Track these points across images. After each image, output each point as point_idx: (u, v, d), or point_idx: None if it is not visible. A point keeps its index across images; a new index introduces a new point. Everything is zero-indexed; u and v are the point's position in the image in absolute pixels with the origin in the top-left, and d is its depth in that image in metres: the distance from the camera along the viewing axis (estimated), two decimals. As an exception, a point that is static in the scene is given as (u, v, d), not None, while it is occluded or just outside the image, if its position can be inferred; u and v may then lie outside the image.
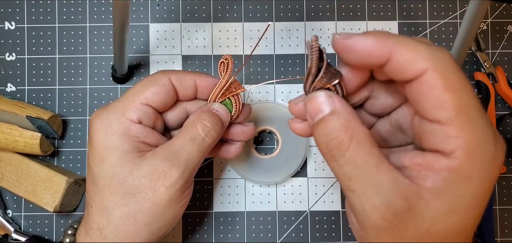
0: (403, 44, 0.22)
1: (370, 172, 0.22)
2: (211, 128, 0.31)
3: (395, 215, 0.22)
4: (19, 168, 0.40)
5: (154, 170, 0.30)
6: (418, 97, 0.22)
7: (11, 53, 0.44)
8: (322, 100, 0.24)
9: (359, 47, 0.22)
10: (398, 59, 0.22)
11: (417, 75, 0.21)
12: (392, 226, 0.22)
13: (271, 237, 0.42)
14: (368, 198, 0.22)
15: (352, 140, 0.22)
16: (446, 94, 0.21)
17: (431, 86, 0.21)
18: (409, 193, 0.22)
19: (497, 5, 0.45)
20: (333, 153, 0.23)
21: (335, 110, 0.23)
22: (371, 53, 0.22)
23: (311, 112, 0.24)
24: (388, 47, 0.22)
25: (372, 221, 0.22)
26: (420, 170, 0.22)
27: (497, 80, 0.43)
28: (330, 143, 0.23)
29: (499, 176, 0.43)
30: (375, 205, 0.22)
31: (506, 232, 0.43)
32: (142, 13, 0.44)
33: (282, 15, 0.44)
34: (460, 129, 0.21)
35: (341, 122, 0.23)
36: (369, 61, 0.23)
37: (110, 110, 0.31)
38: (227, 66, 0.32)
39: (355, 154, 0.22)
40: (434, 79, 0.21)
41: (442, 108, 0.21)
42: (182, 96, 0.33)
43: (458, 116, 0.21)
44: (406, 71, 0.22)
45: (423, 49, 0.21)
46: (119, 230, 0.30)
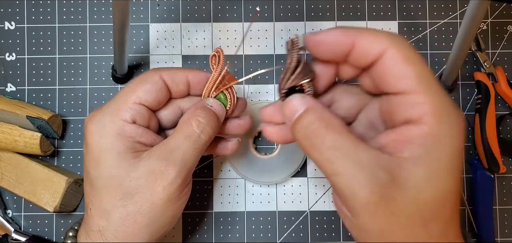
0: (364, 32, 0.25)
1: (351, 152, 0.24)
2: (206, 124, 0.31)
3: (381, 187, 0.23)
4: (19, 168, 0.40)
5: (150, 170, 0.30)
6: (383, 75, 0.24)
7: (11, 53, 0.44)
8: (296, 101, 0.26)
9: (328, 39, 0.25)
10: (361, 44, 0.24)
11: (379, 55, 0.24)
12: (381, 200, 0.23)
13: (271, 237, 0.42)
14: (353, 176, 0.23)
15: (328, 127, 0.25)
16: (407, 66, 0.23)
17: (392, 61, 0.24)
18: (390, 166, 0.23)
19: (497, 5, 0.45)
20: (313, 142, 0.25)
21: (309, 107, 0.26)
22: (338, 43, 0.25)
23: (289, 114, 0.26)
24: (351, 36, 0.25)
25: (361, 199, 0.23)
26: (396, 145, 0.24)
27: (497, 80, 0.43)
28: (309, 134, 0.25)
29: (497, 176, 0.43)
30: (361, 181, 0.23)
31: (506, 232, 0.43)
32: (142, 13, 0.44)
33: (282, 15, 0.44)
34: (424, 94, 0.23)
35: (316, 115, 0.25)
36: (337, 51, 0.25)
37: (103, 112, 0.31)
38: (219, 59, 0.32)
39: (333, 138, 0.24)
40: (395, 55, 0.24)
41: (405, 78, 0.23)
42: (175, 93, 0.33)
43: (420, 84, 0.23)
44: (369, 53, 0.24)
45: (381, 33, 0.24)
46: (119, 231, 0.30)
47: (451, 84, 0.43)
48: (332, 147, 0.24)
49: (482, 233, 0.42)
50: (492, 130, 0.42)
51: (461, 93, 0.44)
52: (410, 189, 0.23)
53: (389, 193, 0.23)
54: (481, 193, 0.42)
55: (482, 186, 0.42)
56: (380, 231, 0.24)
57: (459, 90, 0.44)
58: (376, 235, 0.24)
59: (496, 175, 0.43)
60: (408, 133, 0.23)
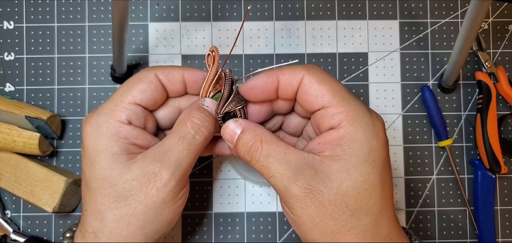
0: (284, 69, 0.30)
1: (281, 156, 0.28)
2: (201, 125, 0.31)
3: (306, 180, 0.27)
4: (17, 168, 0.40)
5: (144, 172, 0.29)
6: (304, 97, 0.29)
7: (9, 53, 0.43)
8: (232, 126, 0.30)
9: (257, 83, 0.30)
10: (283, 79, 0.29)
11: (298, 83, 0.29)
12: (309, 192, 0.27)
13: (271, 237, 0.42)
14: (283, 174, 0.28)
15: (262, 141, 0.29)
16: (321, 86, 0.28)
17: (309, 84, 0.29)
18: (313, 162, 0.28)
19: (498, 4, 0.44)
20: (252, 155, 0.29)
21: (244, 128, 0.30)
22: (266, 84, 0.30)
23: (229, 138, 0.31)
24: (274, 74, 0.30)
25: (292, 192, 0.27)
26: (319, 146, 0.29)
27: (499, 80, 0.42)
28: (249, 150, 0.29)
29: (499, 176, 0.43)
30: (291, 177, 0.28)
31: (507, 233, 0.42)
32: (142, 13, 0.44)
33: (282, 14, 0.44)
34: (339, 105, 0.28)
35: (251, 133, 0.30)
36: (267, 90, 0.30)
37: (99, 113, 0.31)
38: (214, 59, 0.31)
39: (267, 149, 0.29)
40: (310, 79, 0.29)
41: (322, 95, 0.28)
42: (172, 92, 0.33)
43: (335, 98, 0.28)
44: (291, 84, 0.29)
45: (298, 66, 0.30)
46: (114, 233, 0.30)
47: (452, 84, 0.43)
48: (267, 155, 0.29)
49: (483, 233, 0.42)
50: (493, 130, 0.41)
51: (462, 93, 0.44)
52: (332, 181, 0.27)
53: (315, 185, 0.27)
54: (483, 193, 0.42)
55: (483, 186, 0.42)
56: (312, 221, 0.28)
57: (460, 90, 0.44)
58: (310, 225, 0.28)
59: (498, 175, 0.43)
60: (329, 136, 0.28)
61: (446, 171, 0.43)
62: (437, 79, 0.44)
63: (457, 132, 0.44)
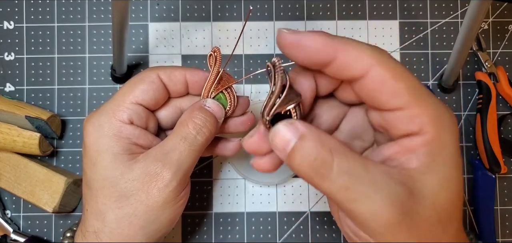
0: (349, 44, 0.23)
1: (363, 174, 0.22)
2: (202, 126, 0.31)
3: (403, 204, 0.22)
4: (17, 168, 0.40)
5: (146, 172, 0.29)
6: (372, 93, 0.23)
7: (10, 53, 0.43)
8: (284, 130, 0.23)
9: (308, 43, 0.23)
10: (344, 58, 0.23)
11: (363, 72, 0.23)
12: (405, 216, 0.22)
13: (271, 237, 0.42)
14: (372, 198, 0.22)
15: (332, 152, 0.22)
16: (398, 83, 0.22)
17: (381, 80, 0.22)
18: (403, 179, 0.22)
19: (498, 4, 0.44)
20: (321, 172, 0.22)
21: (304, 134, 0.23)
22: (319, 51, 0.23)
23: (280, 146, 0.23)
24: (334, 46, 0.23)
25: (384, 220, 0.22)
26: (400, 156, 0.23)
27: (499, 80, 0.42)
28: (314, 164, 0.22)
29: (498, 176, 0.43)
30: (382, 202, 0.22)
31: (507, 233, 0.42)
32: (142, 13, 0.44)
33: (282, 14, 0.44)
34: (419, 106, 0.22)
35: (314, 141, 0.23)
36: (316, 59, 0.23)
37: (100, 113, 0.31)
38: (216, 59, 0.31)
39: (342, 163, 0.22)
40: (383, 73, 0.22)
41: (398, 95, 0.22)
42: (173, 93, 0.33)
43: (413, 97, 0.22)
44: (352, 69, 0.23)
45: (366, 48, 0.23)
46: (114, 233, 0.30)
47: (452, 84, 0.43)
48: (343, 171, 0.22)
49: (483, 234, 0.42)
50: (493, 130, 0.41)
51: (462, 93, 0.44)
52: (428, 198, 0.22)
53: (411, 207, 0.22)
54: (482, 194, 0.42)
55: (483, 186, 0.42)
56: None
57: (460, 90, 0.44)
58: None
59: (497, 175, 0.42)
60: (411, 143, 0.23)
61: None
62: (437, 79, 0.44)
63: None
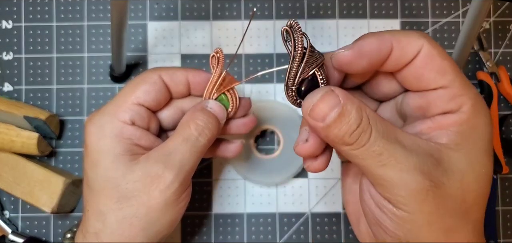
0: (397, 33, 0.24)
1: (395, 141, 0.23)
2: (204, 127, 0.30)
3: (430, 173, 0.23)
4: (16, 168, 0.40)
5: (147, 173, 0.29)
6: (421, 71, 0.24)
7: (8, 53, 0.43)
8: (327, 98, 0.24)
9: (367, 48, 0.24)
10: (400, 45, 0.24)
11: (416, 52, 0.24)
12: (432, 186, 0.23)
13: (271, 238, 0.42)
14: (402, 164, 0.23)
15: (370, 119, 0.23)
16: (444, 61, 0.24)
17: (430, 57, 0.24)
18: (432, 150, 0.23)
19: (499, 4, 0.44)
20: (359, 140, 0.23)
21: (346, 103, 0.23)
22: (379, 50, 0.24)
23: (319, 116, 0.24)
24: (388, 40, 0.24)
25: (412, 186, 0.23)
26: (431, 132, 0.24)
27: (500, 80, 0.42)
28: (355, 133, 0.23)
29: (500, 176, 0.42)
30: (412, 168, 0.23)
31: (508, 233, 0.42)
32: (141, 12, 0.44)
33: (283, 13, 0.44)
34: (463, 87, 0.24)
35: (356, 110, 0.23)
36: (377, 59, 0.24)
37: (102, 113, 0.31)
38: (218, 60, 0.31)
39: (379, 130, 0.23)
40: (432, 51, 0.24)
41: (445, 72, 0.24)
42: (175, 94, 0.33)
43: (458, 77, 0.24)
44: (408, 53, 0.24)
45: (412, 32, 0.24)
46: (115, 234, 0.29)
47: (453, 84, 0.43)
48: (378, 138, 0.23)
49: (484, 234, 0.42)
50: (494, 130, 0.41)
51: (464, 93, 0.44)
52: (455, 174, 0.23)
53: (438, 178, 0.23)
54: (484, 194, 0.42)
55: (485, 187, 0.42)
56: (428, 218, 0.23)
57: (462, 90, 0.44)
58: (422, 222, 0.23)
59: (499, 176, 0.42)
60: (445, 121, 0.24)
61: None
62: (438, 79, 0.44)
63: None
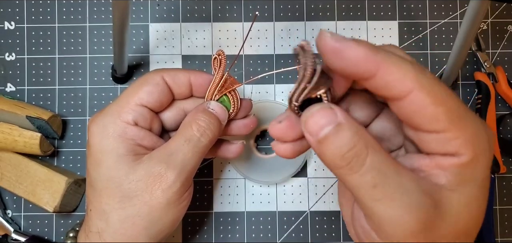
0: (392, 63, 0.21)
1: (393, 175, 0.22)
2: (206, 128, 0.31)
3: (427, 215, 0.21)
4: (18, 168, 0.40)
5: (150, 173, 0.29)
6: (411, 115, 0.22)
7: (10, 53, 0.43)
8: (324, 113, 0.22)
9: (350, 54, 0.22)
10: (385, 77, 0.21)
11: (403, 95, 0.21)
12: (426, 228, 0.22)
13: (271, 237, 0.42)
14: (398, 202, 0.21)
15: (368, 147, 0.22)
16: (438, 108, 0.21)
17: (421, 104, 0.21)
18: (430, 191, 0.22)
19: (497, 5, 0.45)
20: (352, 164, 0.22)
21: (342, 123, 0.22)
22: (360, 65, 0.21)
23: (314, 130, 0.22)
24: (377, 61, 0.21)
25: (405, 227, 0.21)
26: (430, 170, 0.23)
27: (498, 80, 0.43)
28: (347, 156, 0.22)
29: (498, 176, 0.43)
30: (407, 208, 0.21)
31: (506, 232, 0.43)
32: (142, 13, 0.44)
33: (282, 15, 0.44)
34: (457, 130, 0.22)
35: (352, 132, 0.22)
36: (355, 72, 0.22)
37: (105, 113, 0.31)
38: (220, 62, 0.32)
39: (375, 160, 0.22)
40: (423, 98, 0.21)
41: (437, 120, 0.21)
42: (177, 95, 0.33)
43: (452, 122, 0.21)
44: (392, 90, 0.21)
45: (409, 69, 0.21)
46: (118, 233, 0.30)
47: (452, 84, 0.43)
48: (374, 168, 0.22)
49: (482, 233, 0.42)
50: (492, 130, 0.42)
51: (462, 93, 0.44)
52: (451, 216, 0.22)
53: (434, 220, 0.22)
54: (482, 193, 0.42)
55: (483, 186, 0.42)
56: None
57: (460, 90, 0.44)
58: None
59: (496, 175, 0.43)
60: (444, 163, 0.22)
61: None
62: (437, 80, 0.44)
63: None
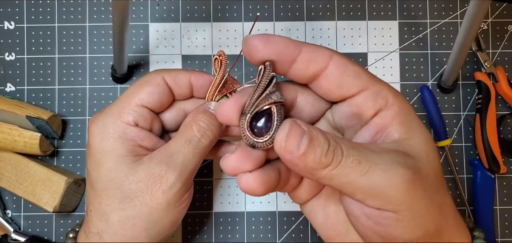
0: (309, 44, 0.25)
1: (365, 148, 0.24)
2: (206, 128, 0.31)
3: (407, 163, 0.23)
4: (18, 168, 0.40)
5: (150, 174, 0.29)
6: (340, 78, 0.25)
7: (10, 53, 0.43)
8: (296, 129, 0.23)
9: (276, 40, 0.25)
10: (307, 53, 0.25)
11: (326, 63, 0.25)
12: (415, 174, 0.23)
13: (271, 237, 0.42)
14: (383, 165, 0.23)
15: (335, 138, 0.24)
16: (355, 66, 0.25)
17: (343, 64, 0.25)
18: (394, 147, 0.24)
19: (497, 5, 0.44)
20: (334, 157, 0.23)
21: (310, 129, 0.23)
22: (287, 46, 0.24)
23: (293, 147, 0.23)
24: (299, 44, 0.25)
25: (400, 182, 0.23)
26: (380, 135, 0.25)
27: (498, 80, 0.43)
28: (328, 153, 0.23)
29: (498, 176, 0.43)
30: (392, 165, 0.23)
31: (506, 233, 0.43)
32: (142, 13, 0.44)
33: (282, 15, 0.44)
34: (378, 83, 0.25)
35: (321, 135, 0.23)
36: (283, 54, 0.25)
37: (106, 114, 0.31)
38: (221, 63, 0.32)
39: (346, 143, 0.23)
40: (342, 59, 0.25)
41: (359, 76, 0.25)
42: (178, 96, 0.33)
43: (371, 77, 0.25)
44: (316, 62, 0.25)
45: (322, 46, 0.25)
46: (118, 234, 0.30)
47: (452, 84, 0.43)
48: (352, 148, 0.23)
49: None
50: (492, 130, 0.42)
51: (462, 93, 0.44)
52: (421, 156, 0.24)
53: (415, 165, 0.23)
54: (482, 193, 0.42)
55: (483, 186, 0.42)
56: (424, 204, 0.23)
57: (460, 90, 0.44)
58: (422, 211, 0.23)
59: (497, 175, 0.43)
60: (384, 121, 0.25)
61: (445, 171, 0.43)
62: (437, 80, 0.44)
63: (456, 132, 0.44)
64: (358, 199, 0.24)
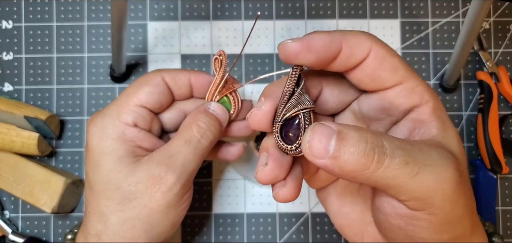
0: (349, 33, 0.24)
1: (411, 146, 0.22)
2: (206, 129, 0.30)
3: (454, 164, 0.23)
4: (16, 168, 0.40)
5: (149, 175, 0.29)
6: (376, 72, 0.24)
7: (8, 53, 0.43)
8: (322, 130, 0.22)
9: (317, 43, 0.24)
10: (348, 46, 0.24)
11: (366, 54, 0.24)
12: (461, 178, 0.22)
13: (271, 238, 0.42)
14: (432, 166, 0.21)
15: (375, 133, 0.22)
16: (394, 58, 0.24)
17: (382, 57, 0.24)
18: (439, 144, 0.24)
19: (499, 4, 0.44)
20: (376, 156, 0.21)
21: (340, 130, 0.21)
22: (328, 46, 0.24)
23: (321, 152, 0.21)
24: (339, 38, 0.24)
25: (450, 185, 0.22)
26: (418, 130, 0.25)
27: (500, 80, 0.42)
28: (367, 153, 0.21)
29: (500, 176, 0.42)
30: (442, 167, 0.22)
31: (508, 233, 0.42)
32: (141, 12, 0.44)
33: (283, 13, 0.44)
34: (414, 78, 0.25)
35: (354, 131, 0.21)
36: (326, 55, 0.24)
37: (104, 114, 0.30)
38: (221, 63, 0.31)
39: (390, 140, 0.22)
40: (381, 51, 0.24)
41: (396, 69, 0.24)
42: (178, 96, 0.33)
43: (408, 71, 0.25)
44: (357, 53, 0.24)
45: (360, 33, 0.25)
46: (117, 236, 0.29)
47: (454, 84, 0.42)
48: (397, 148, 0.21)
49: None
50: (494, 130, 0.41)
51: (464, 92, 0.44)
52: (458, 153, 0.24)
53: (459, 166, 0.23)
54: (484, 194, 0.42)
55: (485, 187, 0.42)
56: (464, 207, 0.23)
57: (462, 89, 0.44)
58: (462, 215, 0.23)
59: (499, 176, 0.42)
60: (421, 116, 0.25)
61: (447, 171, 0.43)
62: (438, 79, 0.44)
63: (458, 131, 0.43)
64: (402, 199, 0.22)
